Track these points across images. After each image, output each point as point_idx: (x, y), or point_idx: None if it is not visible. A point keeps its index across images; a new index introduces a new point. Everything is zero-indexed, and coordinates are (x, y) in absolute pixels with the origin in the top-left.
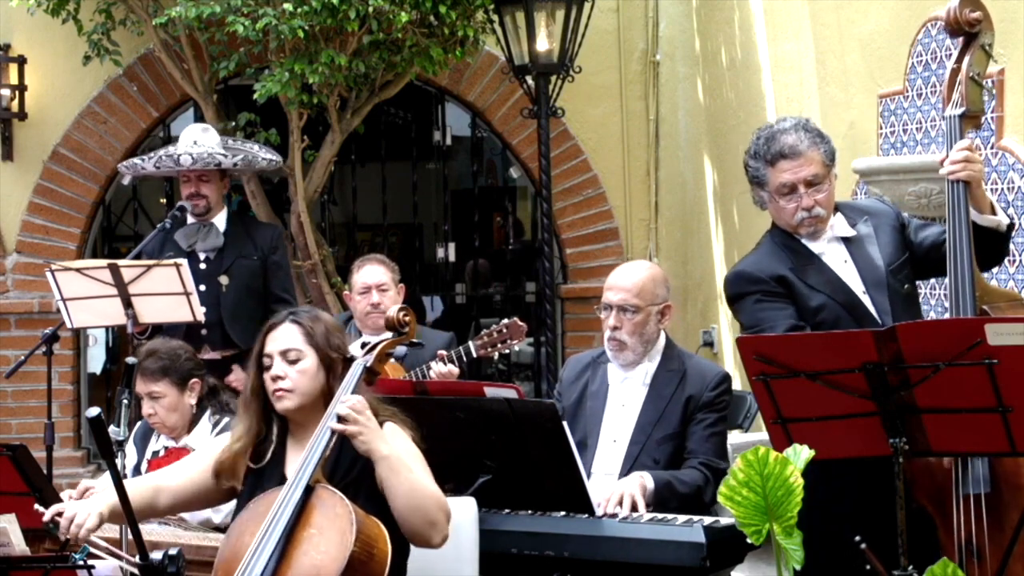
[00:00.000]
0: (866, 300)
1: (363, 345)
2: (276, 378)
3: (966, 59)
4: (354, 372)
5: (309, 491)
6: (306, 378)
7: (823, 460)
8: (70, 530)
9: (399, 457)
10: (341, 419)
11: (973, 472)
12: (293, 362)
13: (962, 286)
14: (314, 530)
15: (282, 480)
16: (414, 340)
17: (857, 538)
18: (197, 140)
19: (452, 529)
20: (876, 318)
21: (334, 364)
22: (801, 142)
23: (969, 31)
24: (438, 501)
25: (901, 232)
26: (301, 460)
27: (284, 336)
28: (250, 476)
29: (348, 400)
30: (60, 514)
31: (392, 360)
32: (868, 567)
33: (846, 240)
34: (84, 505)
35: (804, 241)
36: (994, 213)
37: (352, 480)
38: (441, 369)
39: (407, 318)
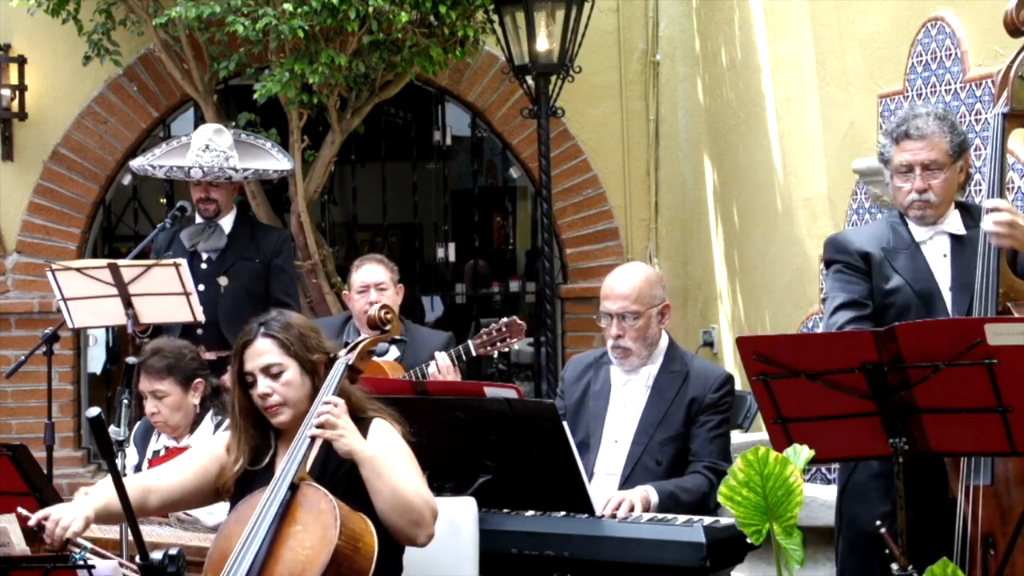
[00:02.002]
0: (948, 297)
1: (345, 344)
2: (264, 396)
3: (1019, 59)
4: (336, 371)
5: (294, 489)
6: (293, 389)
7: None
8: (55, 533)
9: (382, 458)
10: (319, 425)
11: (977, 463)
12: (276, 376)
13: (987, 280)
14: (299, 527)
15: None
16: (397, 337)
17: (878, 522)
18: (210, 142)
19: (452, 529)
20: (950, 316)
21: (316, 367)
22: (928, 126)
23: None
24: (423, 500)
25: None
26: (285, 459)
27: (261, 352)
28: (243, 478)
29: (325, 406)
30: (46, 518)
31: (376, 357)
32: (887, 551)
33: (955, 238)
34: (70, 508)
35: (911, 226)
36: None
37: (341, 478)
38: (441, 362)
39: (388, 315)
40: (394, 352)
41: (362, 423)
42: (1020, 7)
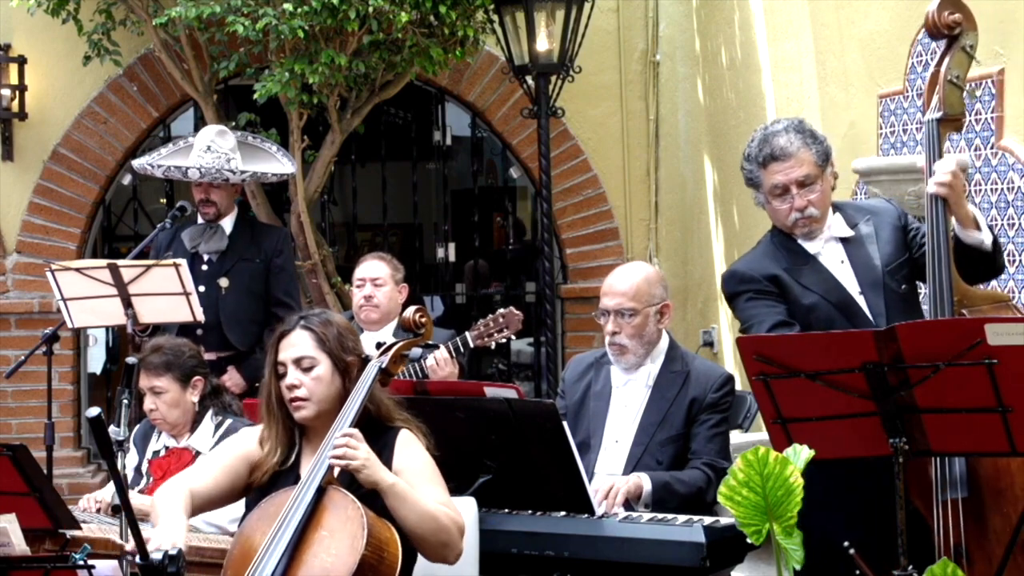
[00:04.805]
0: (861, 301)
1: (378, 345)
2: (291, 387)
3: (945, 62)
4: (368, 374)
5: (322, 492)
6: (321, 385)
7: (821, 461)
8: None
9: (403, 484)
10: (338, 456)
11: (951, 477)
12: (307, 370)
13: (940, 291)
14: (325, 532)
15: (297, 481)
16: (430, 342)
17: (846, 543)
18: (212, 144)
19: None
20: (870, 319)
21: (349, 367)
22: (791, 143)
23: (949, 34)
24: (450, 519)
25: (903, 232)
26: (313, 461)
27: (296, 343)
28: (268, 478)
29: (341, 440)
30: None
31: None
32: (858, 573)
33: (844, 240)
34: (166, 535)
35: (800, 241)
36: (979, 229)
37: (369, 489)
38: (439, 355)
39: (423, 319)
40: None
41: (388, 432)
42: (942, 8)
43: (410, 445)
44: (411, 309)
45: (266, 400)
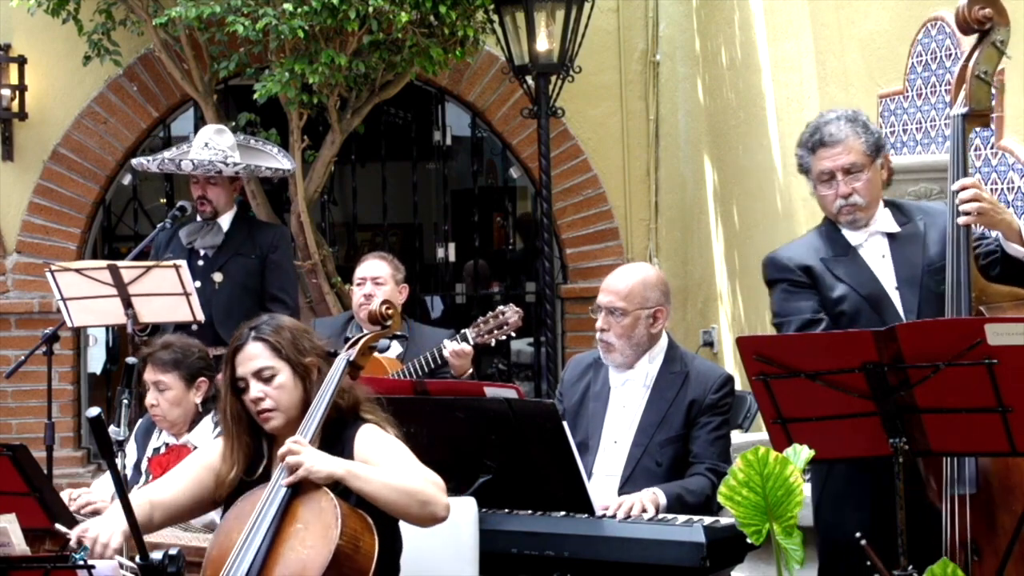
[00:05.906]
0: (896, 296)
1: (346, 340)
2: (257, 400)
3: (974, 57)
4: (337, 367)
5: (295, 486)
6: (285, 392)
7: (837, 463)
8: (95, 551)
9: (359, 467)
10: (290, 471)
11: (960, 473)
12: (268, 380)
13: (958, 288)
14: (300, 525)
15: None
16: (397, 333)
17: (858, 534)
18: (209, 142)
19: (452, 529)
20: (902, 315)
21: (309, 370)
22: (841, 131)
23: (979, 28)
24: (421, 478)
25: None
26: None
27: (253, 356)
28: (239, 489)
29: (288, 448)
30: (85, 533)
31: (378, 354)
32: (868, 563)
33: (891, 236)
34: (106, 523)
35: (844, 232)
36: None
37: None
38: (455, 347)
39: (389, 311)
40: (396, 349)
41: (349, 429)
42: (972, 3)
43: (370, 433)
44: (376, 302)
45: (224, 417)
